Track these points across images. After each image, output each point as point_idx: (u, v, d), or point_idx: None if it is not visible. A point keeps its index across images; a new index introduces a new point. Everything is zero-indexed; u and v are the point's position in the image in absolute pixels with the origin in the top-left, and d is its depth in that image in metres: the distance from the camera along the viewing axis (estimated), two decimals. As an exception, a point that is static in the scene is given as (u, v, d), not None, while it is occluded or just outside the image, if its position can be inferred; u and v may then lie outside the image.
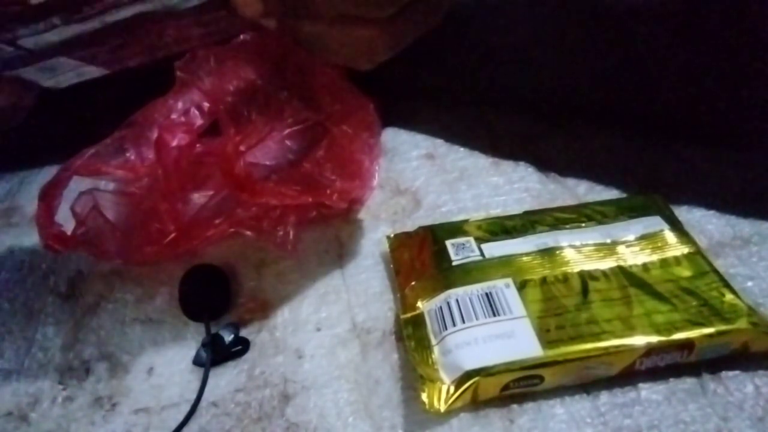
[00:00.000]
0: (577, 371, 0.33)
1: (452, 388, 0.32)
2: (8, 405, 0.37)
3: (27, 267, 0.45)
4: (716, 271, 0.36)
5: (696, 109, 0.46)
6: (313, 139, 0.41)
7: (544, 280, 0.36)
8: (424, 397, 0.32)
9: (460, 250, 0.38)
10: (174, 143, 0.40)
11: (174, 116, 0.42)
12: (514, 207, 0.43)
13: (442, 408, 0.32)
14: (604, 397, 0.33)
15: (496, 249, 0.38)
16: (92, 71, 0.41)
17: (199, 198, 0.41)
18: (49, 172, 0.41)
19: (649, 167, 0.45)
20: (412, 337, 0.35)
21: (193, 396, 0.36)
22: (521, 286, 0.36)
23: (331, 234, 0.44)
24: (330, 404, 0.34)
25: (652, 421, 0.32)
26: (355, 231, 0.44)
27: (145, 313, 0.41)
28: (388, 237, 0.42)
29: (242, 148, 0.38)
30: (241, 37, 0.43)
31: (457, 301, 0.35)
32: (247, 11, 0.35)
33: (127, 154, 0.41)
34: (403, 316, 0.36)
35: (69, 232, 0.40)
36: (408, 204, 0.46)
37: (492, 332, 0.33)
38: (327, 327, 0.38)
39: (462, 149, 0.49)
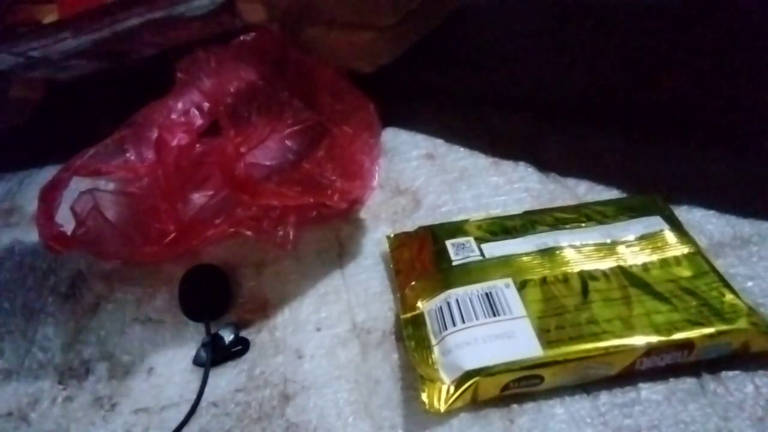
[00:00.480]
0: (577, 371, 0.33)
1: (452, 388, 0.32)
2: (8, 405, 0.37)
3: (27, 267, 0.45)
4: (716, 271, 0.36)
5: (696, 109, 0.46)
6: (313, 139, 0.41)
7: (544, 280, 0.36)
8: (424, 397, 0.32)
9: (460, 250, 0.38)
10: (174, 143, 0.40)
11: (174, 116, 0.42)
12: (514, 207, 0.43)
13: (442, 408, 0.32)
14: (604, 397, 0.33)
15: (496, 249, 0.38)
16: (101, 65, 0.42)
17: (199, 198, 0.41)
18: (49, 172, 0.41)
19: (649, 167, 0.45)
20: (412, 337, 0.35)
21: (193, 396, 0.36)
22: (521, 286, 0.36)
23: (331, 234, 0.44)
24: (330, 404, 0.34)
25: (652, 421, 0.31)
26: (355, 231, 0.44)
27: (145, 313, 0.41)
28: (388, 237, 0.42)
29: (243, 149, 0.38)
30: (241, 37, 0.43)
31: (457, 301, 0.35)
32: (251, 17, 0.36)
33: (127, 154, 0.41)
34: (403, 316, 0.36)
35: (69, 232, 0.40)
36: (408, 204, 0.46)
37: (492, 332, 0.33)
38: (327, 327, 0.38)
39: (462, 149, 0.49)
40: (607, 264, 0.36)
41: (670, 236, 0.38)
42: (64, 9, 0.34)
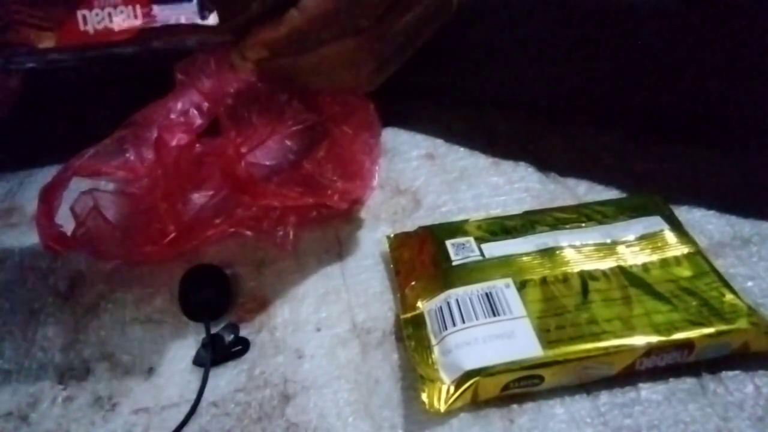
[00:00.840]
0: (577, 371, 0.33)
1: (452, 388, 0.32)
2: (8, 405, 0.37)
3: (27, 267, 0.45)
4: (716, 271, 0.36)
5: (696, 109, 0.46)
6: (313, 139, 0.41)
7: (544, 280, 0.36)
8: (424, 397, 0.32)
9: (460, 250, 0.38)
10: (174, 143, 0.40)
11: (173, 116, 0.41)
12: (514, 207, 0.43)
13: (442, 408, 0.32)
14: (604, 397, 0.33)
15: (496, 249, 0.38)
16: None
17: (199, 198, 0.41)
18: (49, 172, 0.41)
19: (649, 167, 0.45)
20: (412, 337, 0.35)
21: (193, 396, 0.36)
22: (521, 286, 0.36)
23: (331, 234, 0.44)
24: (330, 404, 0.34)
25: (652, 421, 0.31)
26: (355, 231, 0.44)
27: (145, 313, 0.41)
28: (388, 237, 0.42)
29: (243, 150, 0.38)
30: None
31: (457, 301, 0.35)
32: (242, 72, 0.39)
33: (127, 154, 0.41)
34: (403, 316, 0.36)
35: (69, 233, 0.40)
36: (408, 204, 0.46)
37: (492, 332, 0.33)
38: (327, 327, 0.38)
39: (462, 149, 0.49)
40: (607, 264, 0.36)
41: (670, 236, 0.38)
42: (62, 41, 0.34)
